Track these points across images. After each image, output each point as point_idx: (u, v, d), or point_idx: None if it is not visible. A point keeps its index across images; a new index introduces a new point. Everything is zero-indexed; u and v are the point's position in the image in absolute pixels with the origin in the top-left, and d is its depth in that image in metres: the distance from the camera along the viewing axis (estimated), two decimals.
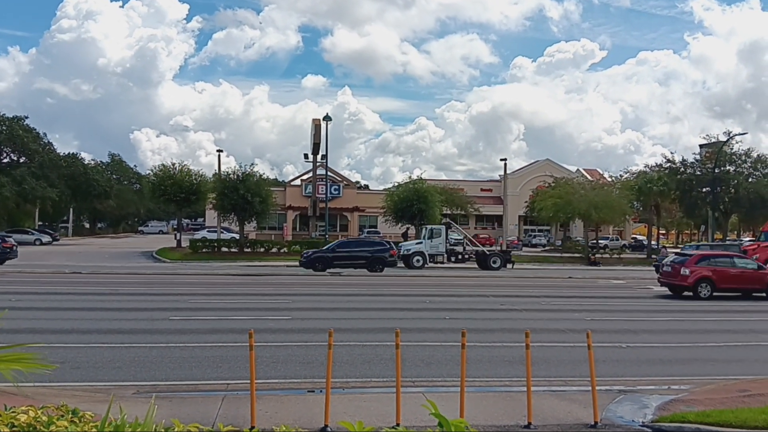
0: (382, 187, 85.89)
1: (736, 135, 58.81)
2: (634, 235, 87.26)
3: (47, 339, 14.89)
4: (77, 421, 3.13)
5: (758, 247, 42.42)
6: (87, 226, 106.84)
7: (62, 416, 3.21)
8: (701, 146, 63.25)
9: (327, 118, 52.48)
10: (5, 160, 72.32)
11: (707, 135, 62.72)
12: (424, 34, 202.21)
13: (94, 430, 2.81)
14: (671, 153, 68.75)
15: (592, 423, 9.66)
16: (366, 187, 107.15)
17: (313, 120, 56.14)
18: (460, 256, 46.09)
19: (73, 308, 20.70)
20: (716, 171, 55.15)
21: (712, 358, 15.53)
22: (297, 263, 40.60)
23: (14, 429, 2.87)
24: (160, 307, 21.24)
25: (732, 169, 59.17)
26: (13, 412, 3.10)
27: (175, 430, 2.73)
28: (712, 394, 11.53)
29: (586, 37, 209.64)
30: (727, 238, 61.84)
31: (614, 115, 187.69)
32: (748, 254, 40.19)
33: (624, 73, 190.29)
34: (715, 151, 56.95)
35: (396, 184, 63.62)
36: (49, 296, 23.95)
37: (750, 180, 58.54)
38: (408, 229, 58.21)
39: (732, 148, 58.98)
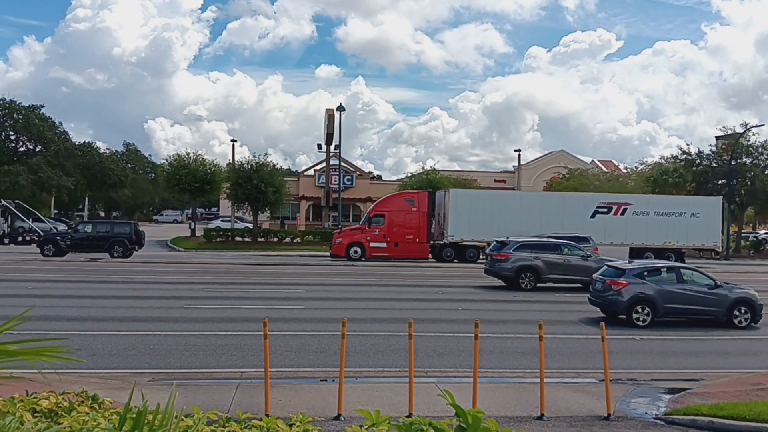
0: (394, 178, 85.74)
1: (753, 126, 58.10)
2: None
3: (63, 326, 15.08)
4: (97, 407, 3.19)
5: (343, 231, 42.72)
6: (102, 214, 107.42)
7: (82, 402, 3.26)
8: (717, 138, 62.67)
9: (340, 108, 52.45)
10: (21, 149, 72.83)
11: (724, 126, 62.14)
12: (438, 24, 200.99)
13: (114, 416, 2.86)
14: (687, 144, 68.34)
15: (605, 415, 9.67)
16: (379, 177, 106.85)
17: (327, 110, 56.13)
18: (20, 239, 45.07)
19: (88, 296, 20.89)
20: (732, 163, 54.66)
21: (726, 350, 15.48)
22: (309, 252, 41.17)
23: (36, 414, 2.92)
24: (175, 296, 21.41)
25: (748, 161, 58.56)
26: (34, 397, 3.16)
27: (195, 416, 2.76)
28: (726, 387, 11.49)
29: (602, 27, 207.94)
30: (743, 231, 61.35)
31: (630, 105, 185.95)
32: (334, 237, 41.55)
33: (640, 63, 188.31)
34: (731, 143, 56.43)
35: (409, 174, 63.55)
36: (64, 284, 24.17)
37: (767, 172, 57.94)
38: None
39: (749, 140, 58.35)
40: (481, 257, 37.59)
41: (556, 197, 45.46)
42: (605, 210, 41.58)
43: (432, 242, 41.34)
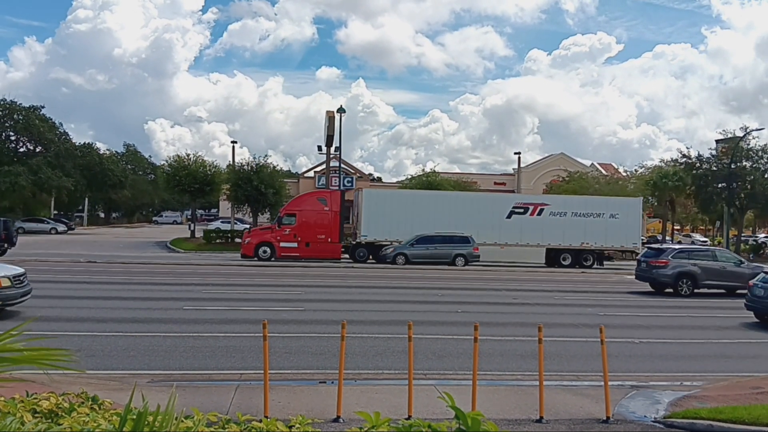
0: (395, 180, 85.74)
1: (753, 130, 58.09)
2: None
3: (62, 327, 15.07)
4: (97, 408, 3.19)
5: (252, 231, 42.26)
6: (102, 215, 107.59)
7: (82, 403, 3.26)
8: (717, 141, 62.67)
9: (341, 110, 52.46)
10: (21, 150, 72.85)
11: (724, 130, 62.41)
12: (439, 26, 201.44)
13: (115, 417, 2.86)
14: (687, 148, 68.03)
15: (604, 418, 9.67)
16: (379, 179, 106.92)
17: (327, 112, 56.10)
18: None
19: (88, 297, 20.89)
20: (732, 166, 54.64)
21: (726, 354, 15.48)
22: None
23: (37, 415, 2.92)
24: (174, 297, 21.40)
25: (748, 164, 58.54)
26: (35, 398, 3.16)
27: (195, 418, 2.77)
28: (725, 390, 11.50)
29: (602, 30, 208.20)
30: (743, 234, 61.39)
31: (630, 108, 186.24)
32: (244, 236, 41.26)
33: (640, 66, 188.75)
34: (731, 147, 56.42)
35: (409, 176, 63.60)
36: (64, 285, 24.15)
37: (767, 176, 57.93)
38: None
39: (749, 144, 58.35)
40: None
41: (471, 197, 44.59)
42: (521, 210, 41.09)
43: (346, 242, 40.96)
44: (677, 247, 28.60)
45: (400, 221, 38.84)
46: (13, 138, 72.41)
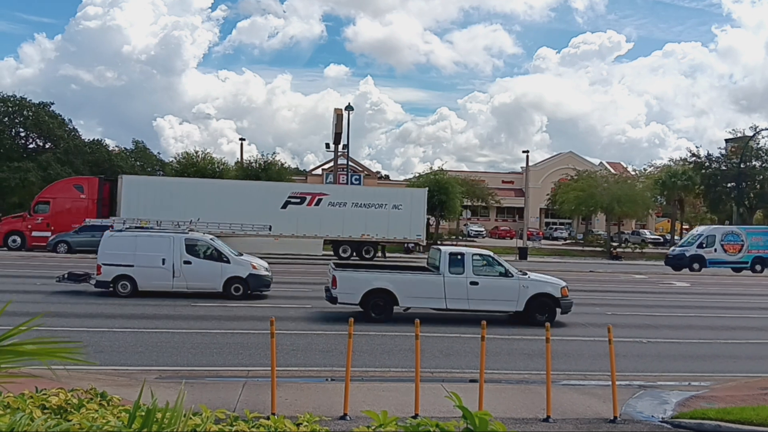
0: (402, 178, 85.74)
1: (763, 130, 57.88)
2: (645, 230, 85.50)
3: (71, 323, 15.16)
4: (106, 405, 3.21)
5: (4, 219, 40.07)
6: None
7: (91, 399, 3.28)
8: (727, 140, 62.45)
9: (349, 107, 52.46)
10: (31, 146, 73.14)
11: (733, 129, 62.10)
12: (447, 24, 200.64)
13: (123, 413, 2.88)
14: (696, 147, 68.11)
15: (612, 418, 9.64)
16: (386, 177, 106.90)
17: (335, 110, 56.14)
18: None
19: (96, 293, 20.93)
20: (742, 166, 54.40)
21: (734, 354, 15.40)
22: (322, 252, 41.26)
23: (46, 411, 2.94)
24: (182, 294, 21.41)
25: (758, 164, 58.28)
26: (44, 394, 3.18)
27: (203, 415, 2.78)
28: (733, 391, 11.45)
29: (611, 28, 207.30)
30: None
31: (639, 107, 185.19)
32: None
33: (650, 65, 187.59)
34: (741, 146, 56.20)
35: (417, 174, 63.49)
36: None
37: None
38: (428, 220, 58.10)
39: (758, 143, 58.10)
40: None
41: (241, 186, 42.44)
42: (298, 200, 39.36)
43: None
44: None
45: (163, 209, 33.79)
46: (22, 134, 72.72)
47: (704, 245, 41.61)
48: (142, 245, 20.46)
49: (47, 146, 72.72)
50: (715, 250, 41.40)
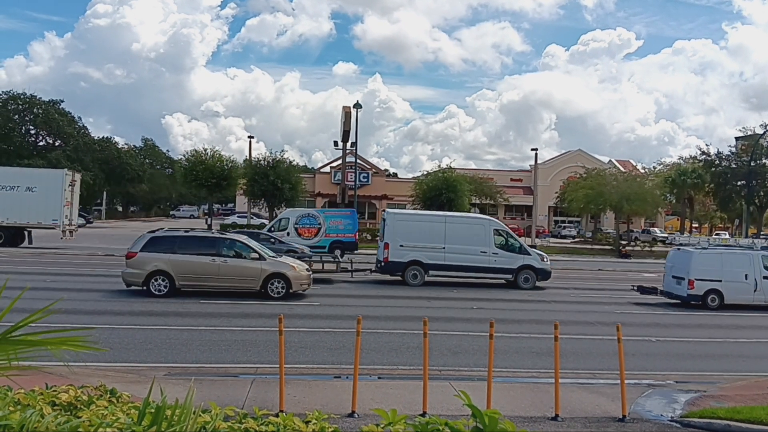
0: (410, 176, 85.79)
1: None
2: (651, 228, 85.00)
3: (80, 320, 15.21)
4: (115, 401, 3.22)
5: None
6: (120, 209, 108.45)
7: (101, 396, 3.29)
8: (737, 138, 62.23)
9: (357, 105, 52.39)
10: (41, 143, 73.63)
11: (743, 127, 61.81)
12: (456, 22, 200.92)
13: (133, 410, 2.88)
14: (706, 145, 67.53)
15: (620, 417, 9.61)
16: (395, 175, 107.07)
17: (344, 107, 56.14)
18: None
19: (105, 290, 21.05)
20: (752, 164, 54.12)
21: (744, 354, 15.33)
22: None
23: (56, 407, 2.95)
24: (191, 291, 21.49)
25: None
26: (54, 390, 3.19)
27: (213, 412, 2.78)
28: (743, 390, 11.39)
29: (621, 26, 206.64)
30: (762, 233, 60.72)
31: (648, 105, 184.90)
32: None
33: (659, 62, 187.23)
34: (751, 144, 55.90)
35: (425, 172, 63.45)
36: (82, 278, 24.39)
37: None
38: None
39: None
40: None
41: None
42: None
43: None
44: None
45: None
46: (32, 132, 73.20)
47: (277, 229, 39.04)
48: (728, 262, 22.72)
49: (57, 144, 73.20)
50: (288, 233, 38.30)
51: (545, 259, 27.13)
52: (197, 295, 20.14)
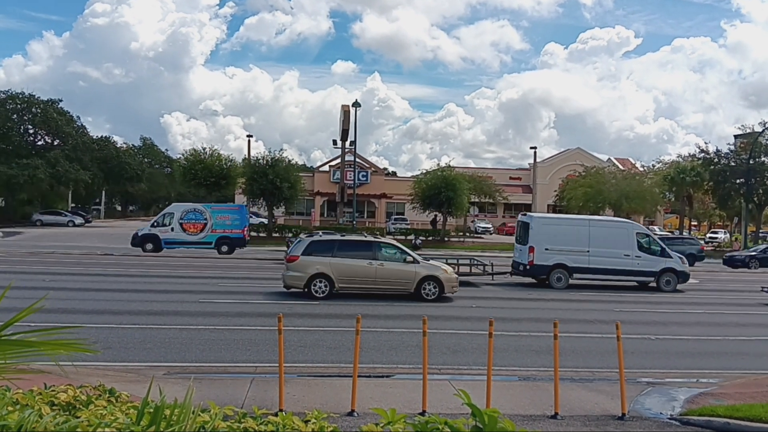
0: (409, 174, 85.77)
1: None
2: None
3: (79, 319, 15.21)
4: (114, 401, 3.21)
5: None
6: (119, 208, 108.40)
7: (100, 396, 3.28)
8: (736, 136, 62.18)
9: (356, 104, 52.38)
10: (40, 143, 73.44)
11: (742, 125, 61.63)
12: (454, 20, 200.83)
13: (132, 410, 2.88)
14: (705, 143, 67.70)
15: (620, 415, 9.61)
16: (393, 173, 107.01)
17: (342, 106, 56.19)
18: None
19: (104, 289, 21.05)
20: (751, 162, 54.09)
21: (743, 351, 15.33)
22: None
23: (54, 407, 2.94)
24: (190, 290, 21.52)
25: (767, 160, 57.94)
26: (53, 390, 3.18)
27: (212, 411, 2.77)
28: (742, 388, 11.39)
29: (620, 24, 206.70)
30: (761, 231, 60.73)
31: (647, 103, 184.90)
32: None
33: (658, 60, 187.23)
34: (750, 142, 55.87)
35: (424, 171, 63.46)
36: (81, 277, 24.38)
37: None
38: (436, 216, 58.10)
39: (767, 139, 57.75)
40: None
41: None
42: None
43: None
44: None
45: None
46: (31, 131, 73.04)
47: (160, 224, 38.21)
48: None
49: (56, 143, 73.02)
50: (173, 228, 37.60)
51: (684, 262, 27.82)
52: (197, 294, 20.13)
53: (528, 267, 26.78)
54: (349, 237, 22.99)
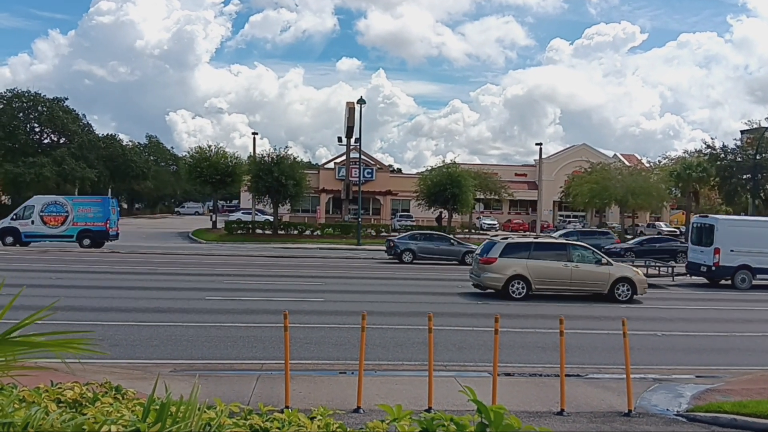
0: (414, 171, 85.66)
1: None
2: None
3: (86, 316, 15.27)
4: (120, 398, 3.22)
5: None
6: (125, 206, 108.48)
7: (106, 393, 3.29)
8: (742, 132, 61.93)
9: (361, 101, 52.29)
10: (46, 141, 73.69)
11: (749, 120, 61.50)
12: (459, 16, 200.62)
13: (138, 407, 2.88)
14: (711, 138, 67.31)
15: (626, 411, 9.59)
16: (399, 170, 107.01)
17: (347, 103, 56.12)
18: None
19: (111, 287, 21.11)
20: (758, 157, 53.81)
21: (750, 347, 15.29)
22: (330, 245, 41.03)
23: (61, 404, 2.95)
24: (197, 287, 21.56)
25: None
26: (59, 388, 3.19)
27: (218, 408, 2.78)
28: (749, 384, 11.36)
29: (626, 19, 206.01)
30: None
31: (653, 99, 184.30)
32: None
33: (664, 56, 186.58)
34: (756, 137, 55.58)
35: (429, 167, 63.39)
36: (88, 275, 24.45)
37: None
38: (441, 213, 58.06)
39: None
40: None
41: None
42: None
43: None
44: None
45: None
46: (37, 129, 73.29)
47: (20, 217, 37.33)
48: None
49: (62, 141, 73.24)
50: (33, 222, 36.86)
51: None
52: (203, 291, 20.17)
53: (713, 268, 27.50)
54: (543, 239, 24.01)
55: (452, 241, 36.65)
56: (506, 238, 22.93)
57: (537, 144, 75.27)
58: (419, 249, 35.51)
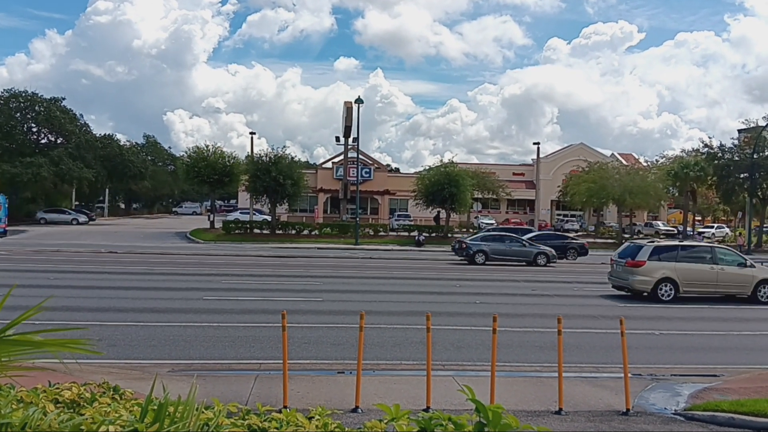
0: (412, 171, 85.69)
1: None
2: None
3: (84, 317, 15.25)
4: (118, 398, 3.21)
5: None
6: (122, 206, 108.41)
7: (104, 393, 3.29)
8: (740, 131, 62.08)
9: (359, 100, 52.28)
10: (43, 141, 73.48)
11: (746, 119, 61.65)
12: (457, 16, 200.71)
13: (136, 407, 2.88)
14: (709, 137, 67.54)
15: (624, 410, 9.60)
16: (396, 170, 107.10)
17: (345, 103, 56.12)
18: None
19: (109, 287, 21.09)
20: (755, 156, 53.94)
21: (747, 346, 15.31)
22: (328, 245, 41.02)
23: (59, 405, 2.95)
24: (194, 287, 21.55)
25: None
26: (57, 388, 3.19)
27: (215, 409, 2.77)
28: (747, 383, 11.37)
29: (623, 18, 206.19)
30: (765, 225, 60.54)
31: (651, 98, 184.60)
32: None
33: (661, 55, 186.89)
34: (754, 136, 55.72)
35: (427, 167, 63.40)
36: (85, 275, 24.42)
37: None
38: (439, 212, 58.07)
39: None
40: None
41: None
42: None
43: None
44: None
45: None
46: (34, 129, 73.11)
47: None
48: None
49: (59, 141, 73.05)
50: None
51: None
52: (201, 291, 20.14)
53: None
54: (689, 242, 24.60)
55: (523, 242, 36.94)
56: (652, 242, 23.42)
57: (535, 143, 75.57)
58: (491, 250, 35.86)
